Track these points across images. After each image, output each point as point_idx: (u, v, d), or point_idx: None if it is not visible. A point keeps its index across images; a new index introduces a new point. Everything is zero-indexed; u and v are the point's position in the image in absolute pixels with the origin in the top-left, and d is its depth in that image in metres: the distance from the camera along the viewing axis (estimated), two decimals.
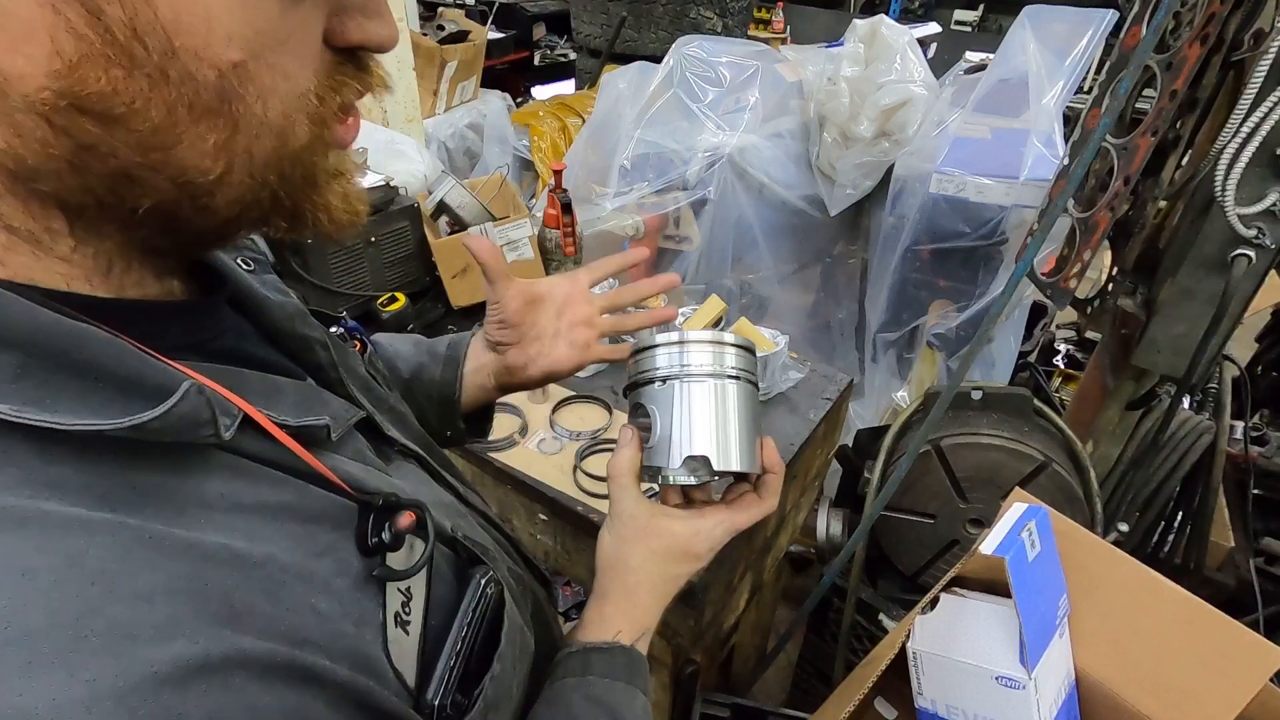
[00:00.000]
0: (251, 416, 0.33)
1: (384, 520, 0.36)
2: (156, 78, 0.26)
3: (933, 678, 0.83)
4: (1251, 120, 0.98)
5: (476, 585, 0.41)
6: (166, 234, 0.31)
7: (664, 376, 0.53)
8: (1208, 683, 0.73)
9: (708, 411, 0.52)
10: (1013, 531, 0.78)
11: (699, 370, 0.52)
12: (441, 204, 1.39)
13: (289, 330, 0.42)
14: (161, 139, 0.27)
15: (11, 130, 0.25)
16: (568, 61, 4.00)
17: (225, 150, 0.29)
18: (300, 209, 0.34)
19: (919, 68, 1.95)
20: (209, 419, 0.29)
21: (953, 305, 1.85)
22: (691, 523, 0.56)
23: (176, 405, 0.28)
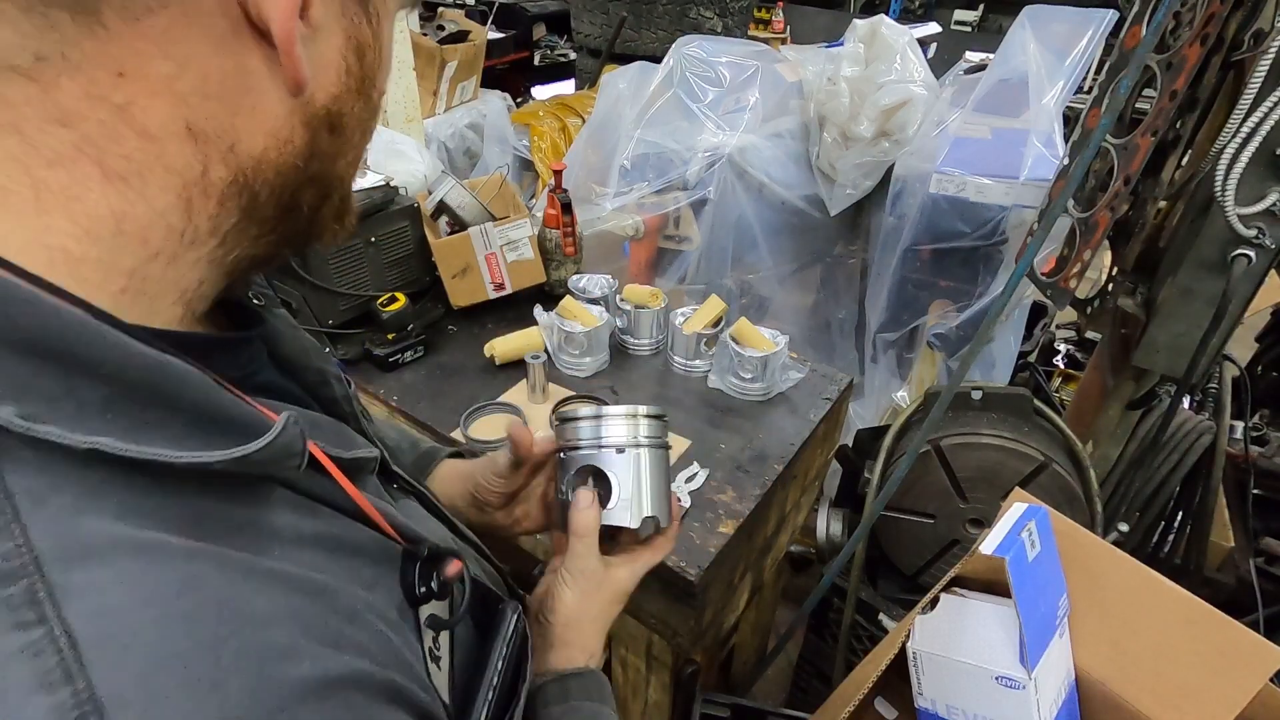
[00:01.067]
0: (314, 455, 0.34)
1: (430, 569, 0.38)
2: (365, 102, 0.35)
3: (933, 678, 0.83)
4: (1251, 120, 0.98)
5: (509, 621, 0.44)
6: (275, 243, 0.36)
7: (621, 445, 0.59)
8: (1208, 683, 0.73)
9: (658, 476, 0.61)
10: (1013, 531, 0.78)
11: (650, 441, 0.60)
12: (441, 204, 1.39)
13: (306, 364, 0.43)
14: (346, 148, 0.35)
15: (279, 140, 0.31)
16: (568, 61, 4.00)
17: (355, 163, 0.37)
18: (340, 225, 0.40)
19: (919, 68, 1.95)
20: (300, 450, 0.32)
21: (953, 305, 1.85)
22: (630, 568, 0.61)
23: (279, 437, 0.30)
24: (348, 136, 0.35)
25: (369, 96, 0.35)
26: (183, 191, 0.29)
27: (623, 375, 1.33)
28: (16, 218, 0.27)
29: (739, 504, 1.04)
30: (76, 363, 0.26)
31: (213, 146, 0.29)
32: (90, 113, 0.27)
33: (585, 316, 1.31)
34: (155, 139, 0.28)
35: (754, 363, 1.22)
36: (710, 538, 0.99)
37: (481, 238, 1.38)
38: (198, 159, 0.29)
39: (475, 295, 1.43)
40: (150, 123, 0.28)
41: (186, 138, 0.29)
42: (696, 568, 0.94)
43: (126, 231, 0.29)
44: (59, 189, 0.27)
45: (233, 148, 0.30)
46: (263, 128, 0.31)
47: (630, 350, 1.38)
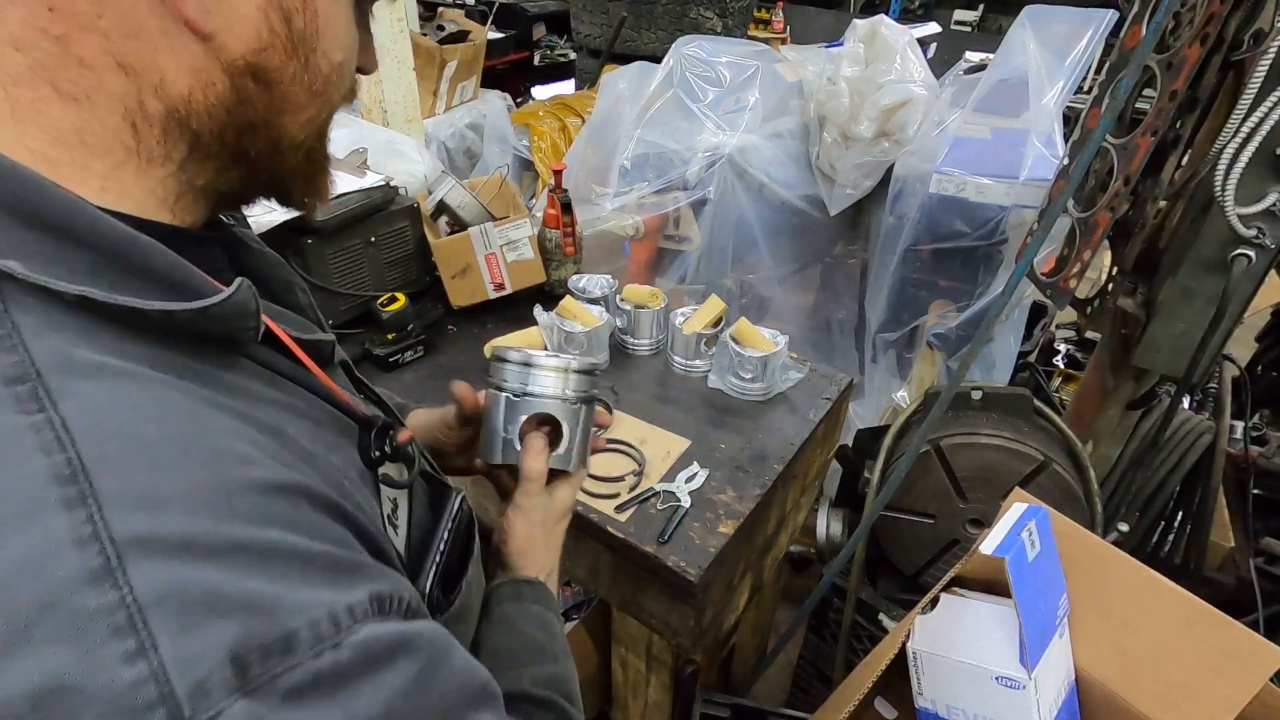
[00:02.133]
0: (271, 329, 0.39)
1: (384, 436, 0.43)
2: (303, 64, 0.37)
3: (933, 678, 0.83)
4: (1251, 120, 0.98)
5: (454, 499, 0.49)
6: (240, 181, 0.40)
7: (575, 399, 0.64)
8: (1208, 683, 0.73)
9: (590, 427, 0.67)
10: (1013, 531, 0.78)
11: (587, 395, 0.66)
12: (441, 204, 1.39)
13: (271, 274, 0.48)
14: (288, 106, 0.38)
15: (201, 82, 0.35)
16: (568, 61, 3.99)
17: (314, 122, 0.40)
18: (313, 184, 0.44)
19: (919, 68, 1.95)
20: (254, 310, 0.36)
21: (953, 305, 1.85)
22: (569, 487, 0.67)
23: (234, 294, 0.34)
24: (284, 93, 0.38)
25: (306, 60, 0.38)
26: (126, 116, 0.34)
27: (623, 375, 1.33)
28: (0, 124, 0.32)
29: (739, 504, 1.04)
30: (68, 233, 0.31)
31: (144, 80, 0.33)
32: (36, 40, 0.31)
33: (585, 316, 1.31)
34: (92, 69, 0.32)
35: (754, 363, 1.22)
36: (710, 538, 0.98)
37: (481, 238, 1.38)
38: (132, 90, 0.33)
39: (475, 295, 1.43)
40: (85, 54, 0.32)
41: (118, 70, 0.33)
42: (696, 568, 0.94)
43: (89, 144, 0.33)
44: (26, 103, 0.32)
45: (161, 83, 0.34)
46: (184, 67, 0.34)
47: (630, 350, 1.38)
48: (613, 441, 1.15)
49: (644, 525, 1.01)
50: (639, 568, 1.01)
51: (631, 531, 0.99)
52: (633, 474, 1.09)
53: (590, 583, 1.12)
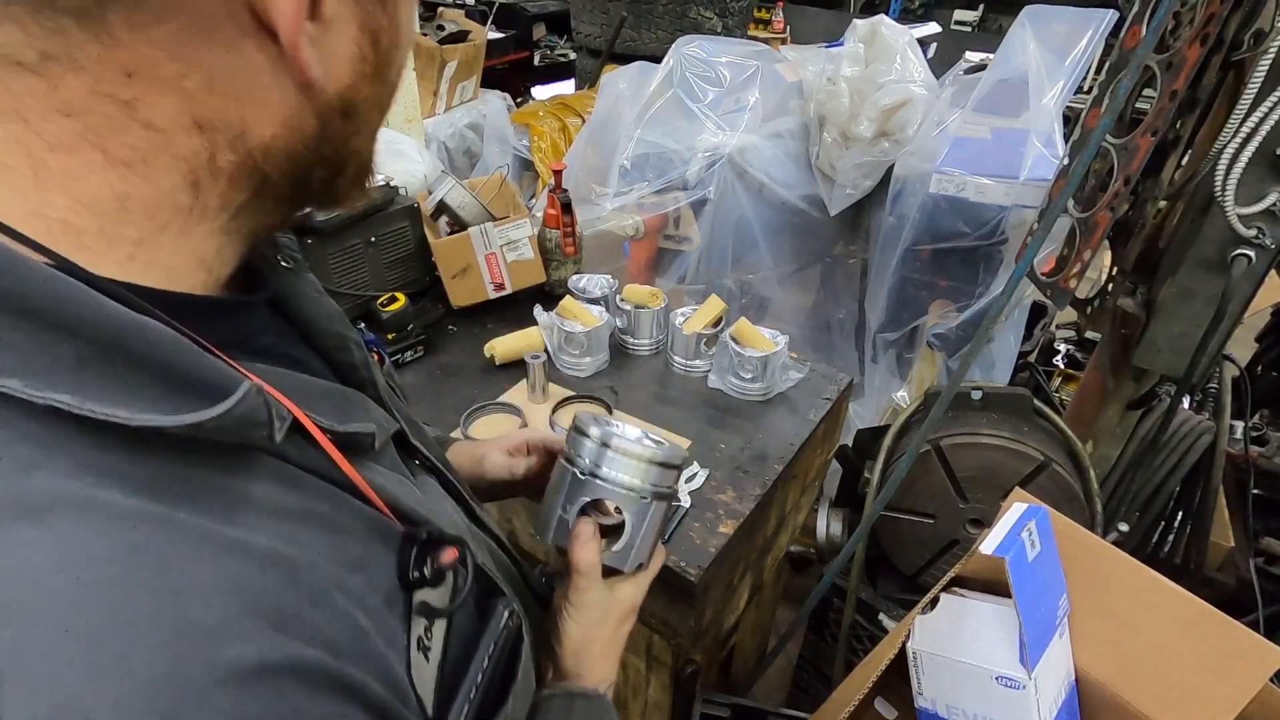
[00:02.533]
0: (299, 420, 0.33)
1: (426, 554, 0.36)
2: (381, 84, 0.35)
3: (933, 678, 0.83)
4: (1251, 120, 0.98)
5: (500, 617, 0.42)
6: (292, 213, 0.37)
7: (649, 493, 0.57)
8: (1208, 683, 0.73)
9: (657, 528, 0.60)
10: (1013, 531, 0.78)
11: (663, 491, 0.58)
12: (441, 204, 1.39)
13: (327, 328, 0.43)
14: (364, 129, 0.36)
15: (289, 129, 0.32)
16: (568, 61, 3.99)
17: (373, 137, 0.38)
18: (362, 188, 0.40)
19: (919, 68, 1.95)
20: (265, 420, 0.30)
21: (953, 305, 1.85)
22: (634, 584, 0.60)
23: (235, 406, 0.29)
24: (363, 118, 0.35)
25: (384, 78, 0.35)
26: (189, 175, 0.30)
27: (623, 375, 1.33)
28: (16, 193, 0.28)
29: (739, 504, 1.04)
30: (51, 319, 0.26)
31: (220, 135, 0.30)
32: (95, 107, 0.27)
33: (585, 316, 1.31)
34: (161, 130, 0.29)
35: (754, 363, 1.22)
36: (710, 538, 0.98)
37: (481, 238, 1.38)
38: (204, 147, 0.30)
39: (475, 295, 1.43)
40: (156, 117, 0.28)
41: (193, 129, 0.29)
42: (696, 568, 0.94)
43: (130, 208, 0.29)
44: (60, 170, 0.28)
45: (241, 135, 0.31)
46: (272, 118, 0.31)
47: (630, 350, 1.38)
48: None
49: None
50: None
51: None
52: None
53: None
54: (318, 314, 0.43)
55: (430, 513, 0.41)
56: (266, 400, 0.30)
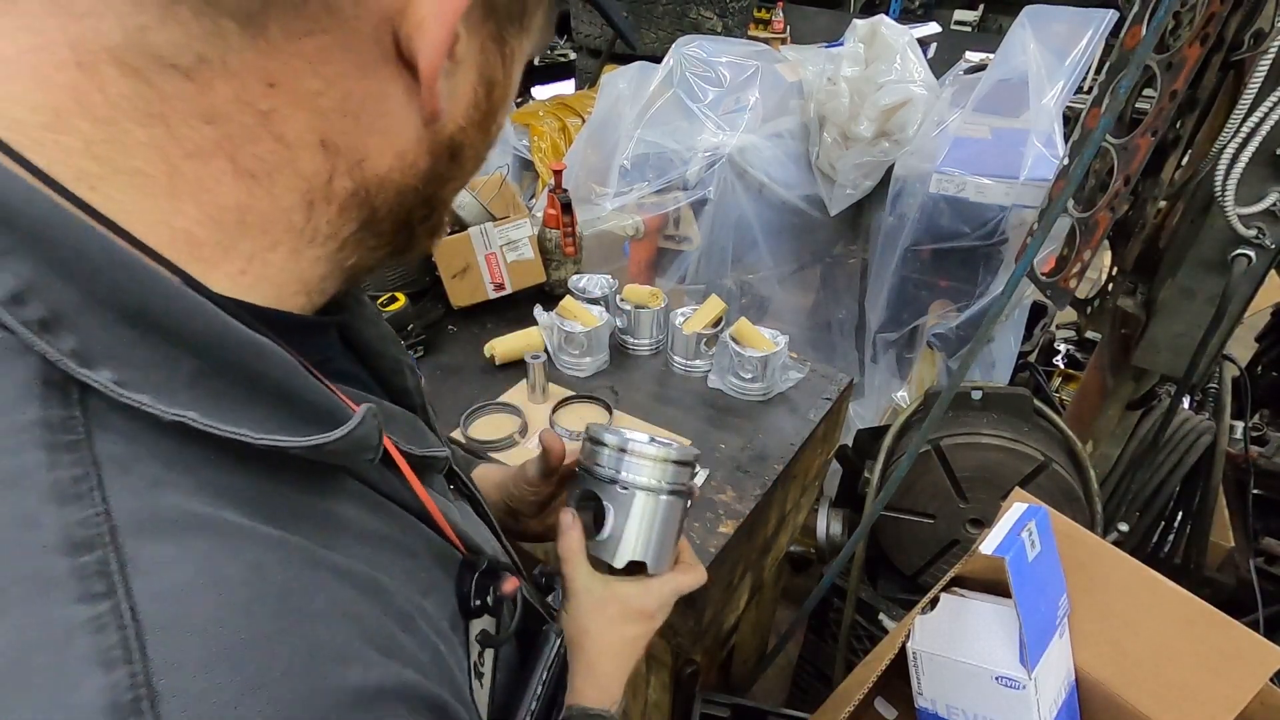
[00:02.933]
0: (388, 450, 0.34)
1: (487, 582, 0.37)
2: (486, 133, 0.35)
3: (933, 678, 0.83)
4: (1251, 120, 0.98)
5: (552, 645, 0.44)
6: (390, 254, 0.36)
7: (626, 483, 0.57)
8: (1208, 683, 0.73)
9: (654, 524, 0.58)
10: (1013, 531, 0.78)
11: (654, 484, 0.57)
12: None
13: (382, 351, 0.43)
14: (462, 174, 0.36)
15: (405, 162, 0.32)
16: (568, 61, 4.00)
17: (459, 189, 0.37)
18: (418, 237, 0.38)
19: (919, 68, 1.95)
20: (375, 444, 0.31)
21: (953, 305, 1.85)
22: (640, 584, 0.58)
23: (356, 429, 0.30)
24: (464, 165, 0.35)
25: (489, 129, 0.36)
26: (306, 194, 0.30)
27: (623, 375, 1.33)
28: (149, 199, 0.27)
29: (739, 504, 1.04)
30: (172, 332, 0.26)
31: (342, 159, 0.30)
32: (236, 115, 0.27)
33: (585, 316, 1.31)
34: (290, 145, 0.29)
35: (754, 363, 1.22)
36: (710, 538, 0.98)
37: (481, 238, 1.38)
38: (325, 168, 0.30)
39: (475, 295, 1.43)
40: (288, 131, 0.29)
41: (319, 148, 0.29)
42: None
43: (249, 222, 0.29)
44: (193, 178, 0.28)
45: (360, 163, 0.31)
46: (392, 148, 0.31)
47: (630, 350, 1.38)
48: None
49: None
50: None
51: None
52: None
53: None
54: (375, 337, 0.43)
55: (478, 539, 0.42)
56: (380, 424, 0.31)
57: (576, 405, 1.24)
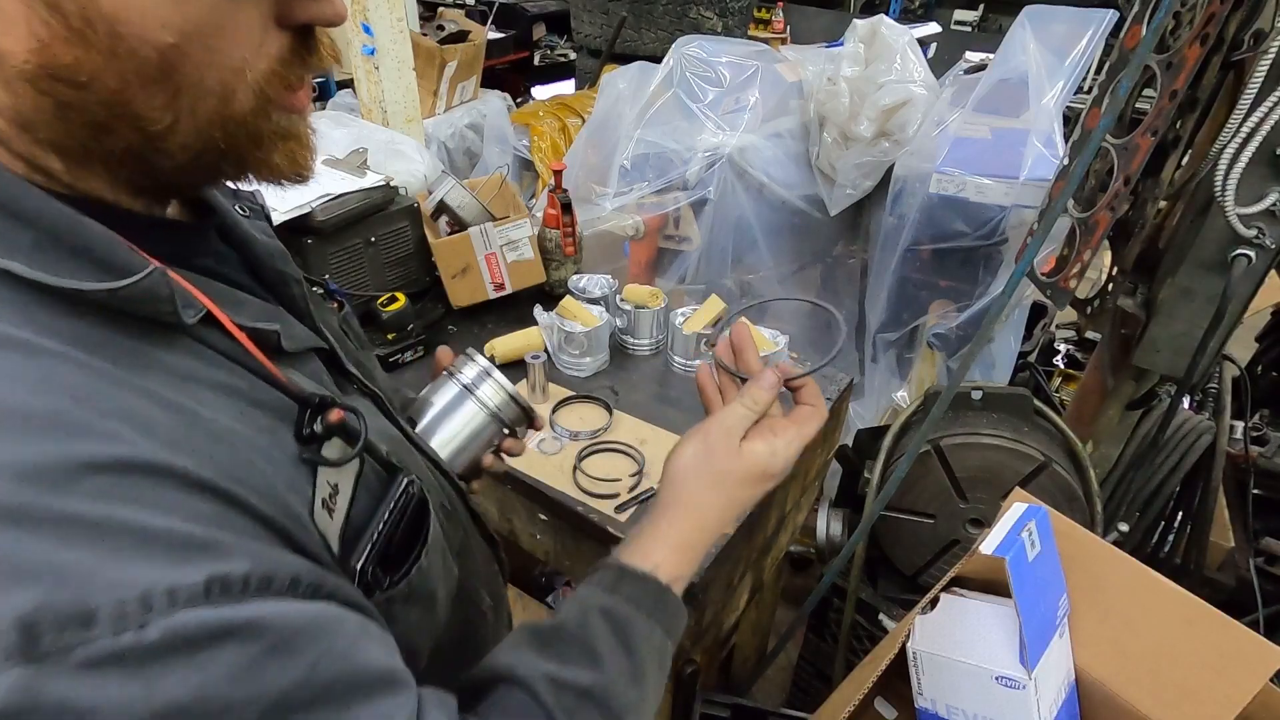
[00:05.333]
0: (213, 314, 0.40)
1: (318, 414, 0.42)
2: (108, 55, 0.34)
3: (933, 678, 0.83)
4: (1251, 120, 0.98)
5: (399, 484, 0.47)
6: (141, 173, 0.39)
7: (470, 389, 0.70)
8: (1208, 683, 0.73)
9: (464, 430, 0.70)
10: (1013, 531, 0.78)
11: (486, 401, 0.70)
12: (441, 204, 1.39)
13: (269, 265, 0.50)
14: (120, 98, 0.35)
15: (10, 93, 0.34)
16: (568, 61, 4.00)
17: (171, 107, 0.36)
18: (245, 161, 0.41)
19: (919, 68, 1.95)
20: (168, 297, 0.36)
21: (953, 305, 1.85)
22: (769, 442, 0.59)
23: (140, 280, 0.35)
24: (105, 89, 0.35)
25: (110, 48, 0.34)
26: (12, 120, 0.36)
27: (623, 375, 1.33)
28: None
29: None
30: (14, 213, 0.34)
31: None
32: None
33: (585, 316, 1.31)
34: None
35: None
36: None
37: (481, 238, 1.38)
38: None
39: (475, 295, 1.43)
40: None
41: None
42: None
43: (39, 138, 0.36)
44: None
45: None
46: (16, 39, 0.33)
47: (630, 350, 1.38)
48: (613, 441, 1.15)
49: None
50: None
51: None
52: (632, 474, 1.09)
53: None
54: (261, 252, 0.50)
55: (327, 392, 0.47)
56: (170, 283, 0.37)
57: (576, 405, 1.24)
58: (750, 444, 0.58)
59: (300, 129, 0.43)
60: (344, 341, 0.56)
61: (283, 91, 0.40)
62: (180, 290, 0.38)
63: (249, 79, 0.38)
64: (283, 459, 0.40)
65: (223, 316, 0.40)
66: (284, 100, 0.40)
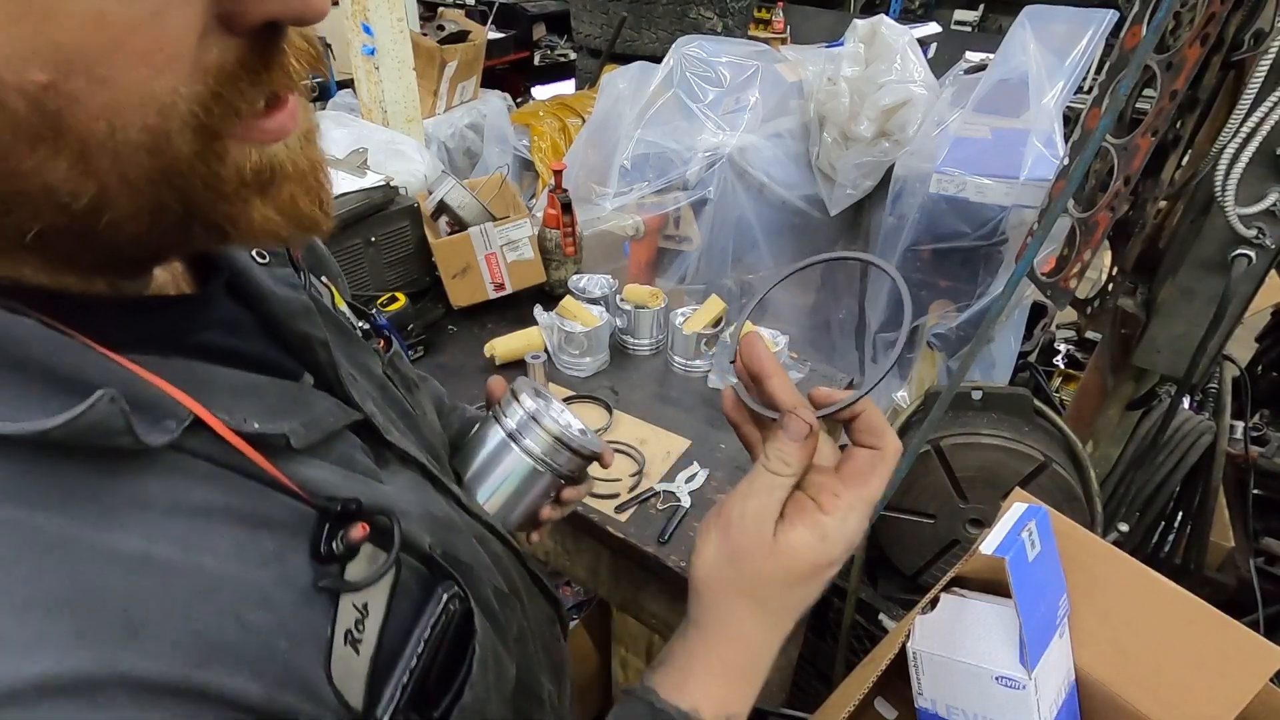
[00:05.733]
0: (202, 419, 0.31)
1: (340, 528, 0.34)
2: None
3: (933, 678, 0.83)
4: (1251, 120, 0.98)
5: (438, 600, 0.39)
6: (88, 253, 0.29)
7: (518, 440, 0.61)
8: (1208, 683, 0.73)
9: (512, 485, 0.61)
10: (1013, 531, 0.78)
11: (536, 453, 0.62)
12: (441, 204, 1.39)
13: (289, 326, 0.41)
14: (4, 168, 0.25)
15: None
16: (568, 61, 4.00)
17: (88, 172, 0.25)
18: (215, 222, 0.30)
19: (919, 68, 1.95)
20: (123, 428, 0.27)
21: (953, 305, 1.85)
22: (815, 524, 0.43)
23: (84, 414, 0.26)
24: None
25: None
26: None
27: (623, 375, 1.33)
28: None
29: None
30: None
31: None
32: None
33: (585, 316, 1.31)
34: None
35: None
36: None
37: (481, 238, 1.38)
38: None
39: (475, 295, 1.43)
40: None
41: None
42: None
43: None
44: None
45: None
46: None
47: (630, 350, 1.38)
48: (613, 441, 1.15)
49: (644, 525, 1.00)
50: (639, 568, 1.00)
51: (631, 532, 0.99)
52: (632, 474, 1.09)
53: (590, 583, 1.12)
54: (281, 311, 0.40)
55: (389, 502, 0.39)
56: (122, 408, 0.27)
57: (576, 405, 1.24)
58: (788, 532, 0.42)
59: (290, 162, 0.31)
60: (389, 394, 0.47)
61: (234, 120, 0.28)
62: (156, 399, 0.30)
63: (181, 110, 0.26)
64: (291, 598, 0.32)
65: (215, 422, 0.32)
66: (245, 130, 0.29)
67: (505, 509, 0.59)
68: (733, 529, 0.43)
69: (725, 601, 0.44)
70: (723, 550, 0.44)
